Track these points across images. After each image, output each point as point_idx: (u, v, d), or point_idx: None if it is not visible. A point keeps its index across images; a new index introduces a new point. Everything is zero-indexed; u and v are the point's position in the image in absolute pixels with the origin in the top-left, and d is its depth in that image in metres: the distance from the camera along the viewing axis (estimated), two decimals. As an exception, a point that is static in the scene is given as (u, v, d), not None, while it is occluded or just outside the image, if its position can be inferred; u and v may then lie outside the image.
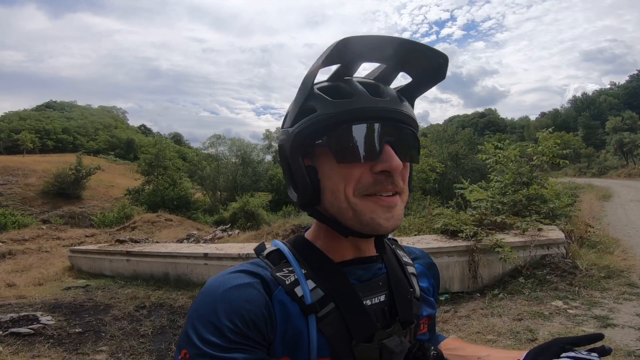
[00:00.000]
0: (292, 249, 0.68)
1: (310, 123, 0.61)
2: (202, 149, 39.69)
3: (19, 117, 69.25)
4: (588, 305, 4.13)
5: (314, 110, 0.62)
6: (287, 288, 0.61)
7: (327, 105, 0.61)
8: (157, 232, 14.39)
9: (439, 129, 43.83)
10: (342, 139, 0.60)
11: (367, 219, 0.60)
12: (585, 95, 70.80)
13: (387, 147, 0.60)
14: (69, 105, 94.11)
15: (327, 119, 0.60)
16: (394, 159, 0.59)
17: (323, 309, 0.61)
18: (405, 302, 0.69)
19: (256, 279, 0.61)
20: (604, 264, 5.12)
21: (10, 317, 5.15)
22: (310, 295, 0.61)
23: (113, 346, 4.38)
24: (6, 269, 9.43)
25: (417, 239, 5.90)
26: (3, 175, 31.81)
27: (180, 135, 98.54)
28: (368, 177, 0.60)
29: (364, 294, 0.65)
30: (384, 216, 0.60)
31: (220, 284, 0.58)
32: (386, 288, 0.69)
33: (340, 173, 0.61)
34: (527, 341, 3.45)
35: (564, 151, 7.85)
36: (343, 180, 0.61)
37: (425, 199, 12.78)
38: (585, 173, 40.61)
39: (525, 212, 6.60)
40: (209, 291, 0.58)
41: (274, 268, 0.64)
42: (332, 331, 0.61)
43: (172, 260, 6.98)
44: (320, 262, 0.66)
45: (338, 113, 0.60)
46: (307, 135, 0.62)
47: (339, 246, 0.67)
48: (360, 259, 0.68)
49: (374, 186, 0.60)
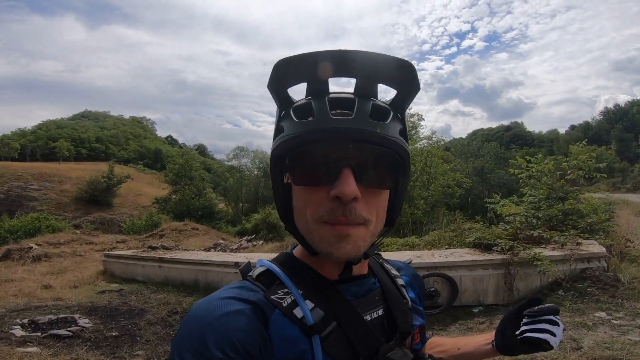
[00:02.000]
0: (284, 269, 0.65)
1: (278, 143, 0.60)
2: (226, 160, 40.54)
3: (56, 126, 73.01)
4: (632, 316, 4.11)
5: (283, 130, 0.61)
6: (284, 311, 0.58)
7: (292, 125, 0.59)
8: (184, 240, 14.70)
9: (463, 142, 43.17)
10: (298, 161, 0.58)
11: (319, 245, 0.59)
12: (617, 106, 68.19)
13: (346, 171, 0.55)
14: (102, 115, 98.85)
15: (289, 140, 0.58)
16: (346, 185, 0.54)
17: (326, 328, 0.59)
18: (402, 314, 0.69)
19: (247, 305, 0.57)
20: (646, 277, 5.05)
21: (48, 319, 5.28)
22: (311, 315, 0.59)
23: (148, 350, 4.44)
24: (42, 271, 9.77)
25: (449, 252, 5.83)
26: (39, 181, 33.47)
27: (204, 146, 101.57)
28: (326, 203, 0.57)
29: (363, 309, 0.64)
30: (336, 245, 0.57)
31: (208, 312, 0.54)
32: (382, 302, 0.68)
33: (303, 195, 0.60)
34: (572, 350, 3.41)
35: (600, 165, 7.62)
36: (305, 203, 0.59)
37: (450, 214, 12.59)
38: (619, 188, 38.90)
39: (561, 226, 6.52)
40: (196, 319, 0.54)
41: (267, 291, 0.61)
42: (337, 350, 0.59)
43: (202, 267, 7.10)
44: (314, 280, 0.64)
45: (299, 134, 0.58)
46: (278, 155, 0.61)
47: (328, 264, 0.65)
48: (353, 277, 0.66)
49: (329, 214, 0.56)
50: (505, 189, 22.39)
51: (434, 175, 18.17)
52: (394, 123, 0.61)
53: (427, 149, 19.00)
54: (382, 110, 0.60)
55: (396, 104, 0.64)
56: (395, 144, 0.59)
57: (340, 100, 0.60)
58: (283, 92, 0.63)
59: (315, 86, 0.62)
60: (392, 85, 0.63)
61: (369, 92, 0.62)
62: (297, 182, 0.60)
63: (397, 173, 0.61)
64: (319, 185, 0.57)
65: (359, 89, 0.61)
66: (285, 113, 0.63)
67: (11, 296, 6.82)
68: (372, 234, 0.60)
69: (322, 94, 0.62)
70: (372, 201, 0.59)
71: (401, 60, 0.60)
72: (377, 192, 0.60)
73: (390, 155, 0.59)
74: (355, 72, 0.60)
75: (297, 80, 0.62)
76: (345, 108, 0.59)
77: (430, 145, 20.51)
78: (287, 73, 0.61)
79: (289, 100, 0.64)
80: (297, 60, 0.60)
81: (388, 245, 7.18)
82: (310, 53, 0.59)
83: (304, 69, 0.61)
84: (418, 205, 16.23)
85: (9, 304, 6.24)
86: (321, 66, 0.60)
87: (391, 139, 0.58)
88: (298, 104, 0.63)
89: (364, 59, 0.59)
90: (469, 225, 7.42)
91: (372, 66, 0.60)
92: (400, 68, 0.60)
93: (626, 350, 3.23)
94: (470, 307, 5.09)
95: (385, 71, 0.61)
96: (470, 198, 24.49)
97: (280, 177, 0.63)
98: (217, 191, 34.09)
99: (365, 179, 0.57)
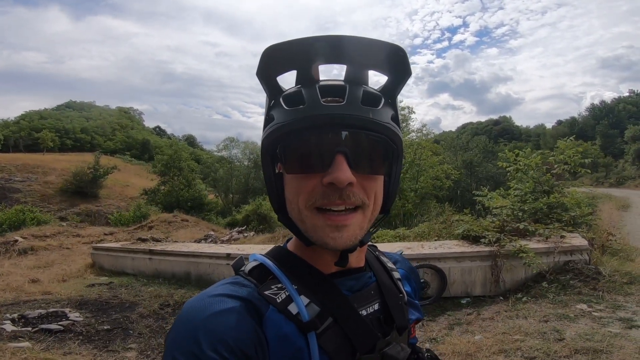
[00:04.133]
0: (277, 263, 0.64)
1: (269, 132, 0.59)
2: (216, 151, 40.18)
3: (39, 116, 71.02)
4: (612, 308, 4.22)
5: (273, 119, 0.60)
6: (279, 307, 0.57)
7: (282, 113, 0.59)
8: (173, 232, 14.60)
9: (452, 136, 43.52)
10: (289, 149, 0.58)
11: (314, 235, 0.58)
12: (603, 103, 69.34)
13: (339, 157, 0.55)
14: (87, 105, 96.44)
15: (280, 128, 0.58)
16: (340, 171, 0.54)
17: (322, 324, 0.58)
18: (398, 309, 0.68)
19: (240, 302, 0.56)
20: (626, 270, 5.22)
21: (38, 313, 5.21)
22: (306, 311, 0.58)
23: (142, 344, 4.45)
24: (28, 264, 9.62)
25: (438, 244, 5.95)
26: (23, 172, 32.68)
27: (193, 137, 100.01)
28: (319, 190, 0.56)
29: (359, 304, 0.63)
30: (331, 235, 0.57)
31: (200, 311, 0.54)
32: (378, 297, 0.67)
33: (295, 184, 0.59)
34: (555, 341, 3.52)
35: (585, 160, 7.80)
36: (297, 191, 0.59)
37: (439, 206, 12.77)
38: (602, 183, 39.86)
39: (546, 219, 6.65)
40: (189, 318, 0.53)
41: (261, 286, 0.60)
42: (333, 346, 0.58)
43: (194, 259, 7.11)
44: (309, 275, 0.63)
45: (289, 122, 0.57)
46: (269, 145, 0.60)
47: (323, 256, 0.63)
48: (350, 270, 0.66)
49: (323, 199, 0.56)
50: (492, 182, 22.77)
51: (423, 168, 18.35)
52: (386, 109, 0.60)
53: (417, 142, 19.17)
54: (373, 96, 0.60)
55: (387, 89, 0.63)
56: (388, 130, 0.59)
57: (331, 88, 0.60)
58: (272, 80, 0.62)
59: (305, 74, 0.61)
60: (383, 71, 0.62)
61: (359, 79, 0.61)
62: (289, 170, 0.59)
63: (390, 159, 0.61)
64: (311, 172, 0.57)
65: (350, 75, 0.61)
66: (275, 102, 0.62)
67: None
68: (368, 220, 0.60)
69: (312, 81, 0.61)
70: (368, 186, 0.59)
71: (392, 45, 0.59)
72: (371, 177, 0.59)
73: (384, 141, 0.59)
74: (346, 58, 0.60)
75: (286, 67, 0.61)
76: (336, 95, 0.59)
77: (420, 137, 20.70)
78: (276, 60, 0.60)
79: (278, 88, 0.63)
80: (286, 47, 0.58)
81: (379, 237, 7.27)
82: (299, 39, 0.58)
83: (293, 55, 0.59)
84: (408, 197, 16.39)
85: (-3, 299, 6.16)
86: (311, 52, 0.59)
87: (384, 124, 0.58)
88: (288, 92, 0.61)
89: (356, 44, 0.58)
90: (457, 217, 7.55)
91: (363, 52, 0.59)
92: (391, 53, 0.59)
93: (606, 342, 3.33)
94: (459, 298, 5.21)
95: (376, 57, 0.60)
96: (459, 191, 24.81)
97: (272, 167, 0.62)
98: (206, 182, 33.81)
99: (359, 165, 0.57)
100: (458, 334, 4.08)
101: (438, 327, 4.42)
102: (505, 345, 3.54)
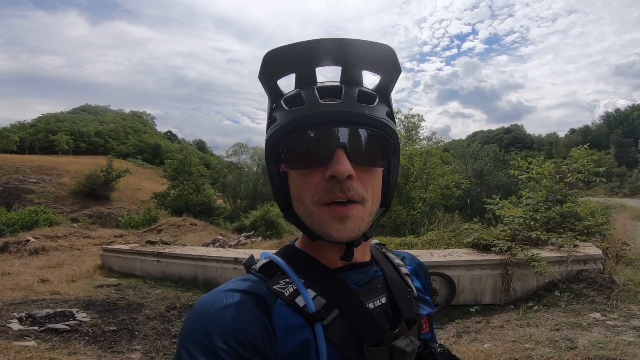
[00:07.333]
0: (286, 260, 0.67)
1: (272, 132, 0.62)
2: (225, 157, 40.43)
3: (56, 119, 72.69)
4: (626, 317, 4.14)
5: (275, 120, 0.63)
6: (287, 300, 0.60)
7: (283, 114, 0.62)
8: (182, 235, 14.68)
9: (463, 144, 43.16)
10: (292, 146, 0.61)
11: (320, 228, 0.60)
12: (618, 111, 68.19)
13: (338, 152, 0.58)
14: (102, 109, 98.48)
15: (282, 127, 0.61)
16: (340, 164, 0.57)
17: (328, 316, 0.59)
18: (406, 302, 0.69)
19: (249, 296, 0.58)
20: (641, 279, 5.11)
21: (46, 313, 5.28)
22: (313, 303, 0.60)
23: (147, 345, 4.45)
24: (39, 264, 9.77)
25: (447, 252, 5.87)
26: (37, 174, 33.28)
27: (203, 142, 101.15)
28: (322, 185, 0.59)
29: (366, 297, 0.64)
30: (335, 227, 0.59)
31: (211, 304, 0.56)
32: (385, 290, 0.68)
33: (300, 180, 0.61)
34: (567, 349, 3.43)
35: (599, 169, 7.65)
36: (302, 188, 0.61)
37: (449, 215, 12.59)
38: (616, 193, 39.01)
39: (559, 229, 6.55)
40: (200, 312, 0.56)
41: (270, 281, 0.62)
42: (340, 338, 0.59)
43: (201, 263, 7.12)
44: (316, 269, 0.65)
45: (290, 121, 0.60)
46: (272, 145, 0.63)
47: (329, 252, 0.65)
48: (355, 264, 0.67)
49: (326, 194, 0.58)
50: (503, 191, 22.41)
51: (432, 176, 18.17)
52: (381, 106, 0.64)
53: (426, 149, 19.02)
54: (368, 94, 0.63)
55: (381, 88, 0.66)
56: (384, 125, 0.62)
57: (328, 88, 0.63)
58: (273, 83, 0.65)
59: (304, 76, 0.64)
60: (376, 70, 0.65)
61: (354, 79, 0.64)
62: (293, 166, 0.62)
63: (387, 152, 0.64)
64: (314, 167, 0.59)
65: (345, 76, 0.64)
66: (276, 104, 0.65)
67: (8, 290, 6.81)
68: (369, 213, 0.62)
69: (310, 83, 0.64)
70: (366, 180, 0.61)
71: (383, 45, 0.62)
72: (370, 171, 0.62)
73: (380, 135, 0.62)
74: (341, 60, 0.63)
75: (286, 70, 0.64)
76: (333, 95, 0.62)
77: (429, 145, 20.53)
78: (276, 64, 0.63)
79: (279, 91, 0.66)
80: (285, 51, 0.62)
81: (386, 244, 7.18)
82: (297, 43, 0.61)
83: (292, 59, 0.63)
84: (416, 206, 16.23)
85: (6, 298, 6.24)
86: (308, 56, 0.62)
87: (379, 120, 0.61)
88: (288, 95, 0.65)
89: (350, 46, 0.62)
90: (467, 225, 7.45)
91: (356, 53, 0.62)
92: (382, 53, 0.63)
93: (620, 350, 3.26)
94: (468, 306, 5.12)
95: (369, 57, 0.64)
96: (469, 199, 24.54)
97: (276, 167, 0.65)
98: (215, 187, 34.02)
99: (358, 158, 0.59)
100: (466, 342, 4.00)
101: (446, 335, 4.35)
102: (515, 353, 3.46)
